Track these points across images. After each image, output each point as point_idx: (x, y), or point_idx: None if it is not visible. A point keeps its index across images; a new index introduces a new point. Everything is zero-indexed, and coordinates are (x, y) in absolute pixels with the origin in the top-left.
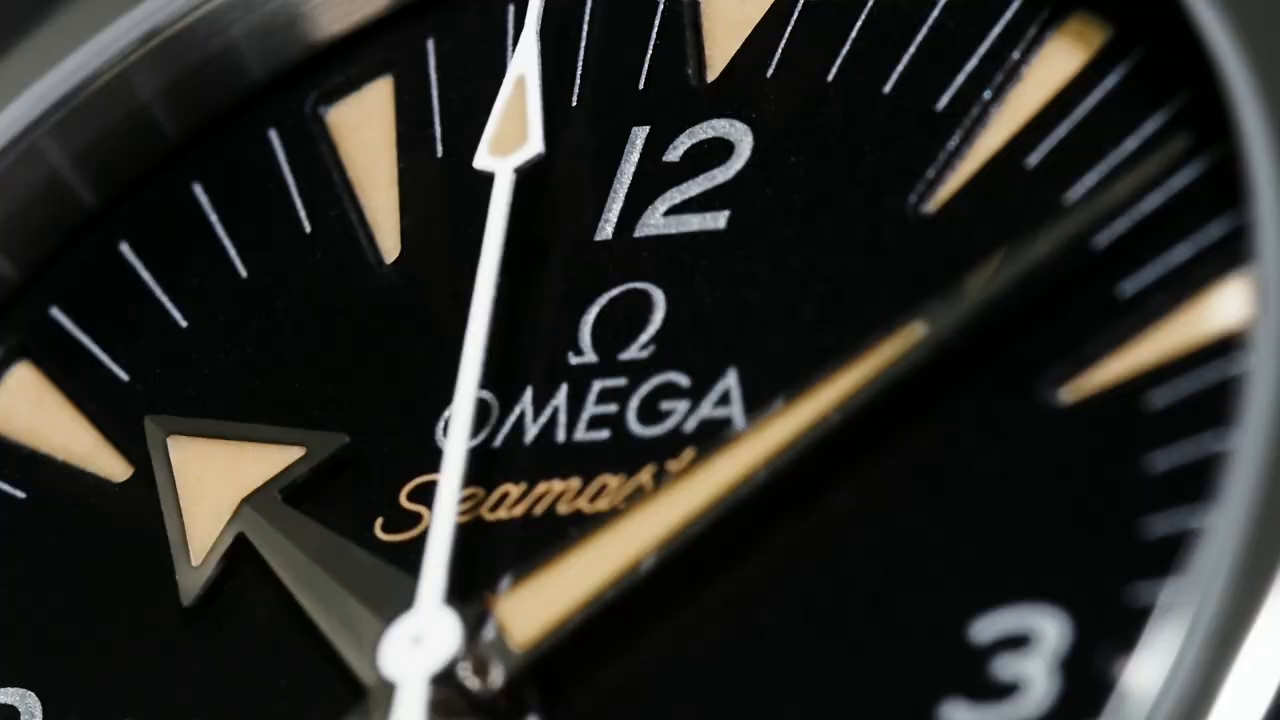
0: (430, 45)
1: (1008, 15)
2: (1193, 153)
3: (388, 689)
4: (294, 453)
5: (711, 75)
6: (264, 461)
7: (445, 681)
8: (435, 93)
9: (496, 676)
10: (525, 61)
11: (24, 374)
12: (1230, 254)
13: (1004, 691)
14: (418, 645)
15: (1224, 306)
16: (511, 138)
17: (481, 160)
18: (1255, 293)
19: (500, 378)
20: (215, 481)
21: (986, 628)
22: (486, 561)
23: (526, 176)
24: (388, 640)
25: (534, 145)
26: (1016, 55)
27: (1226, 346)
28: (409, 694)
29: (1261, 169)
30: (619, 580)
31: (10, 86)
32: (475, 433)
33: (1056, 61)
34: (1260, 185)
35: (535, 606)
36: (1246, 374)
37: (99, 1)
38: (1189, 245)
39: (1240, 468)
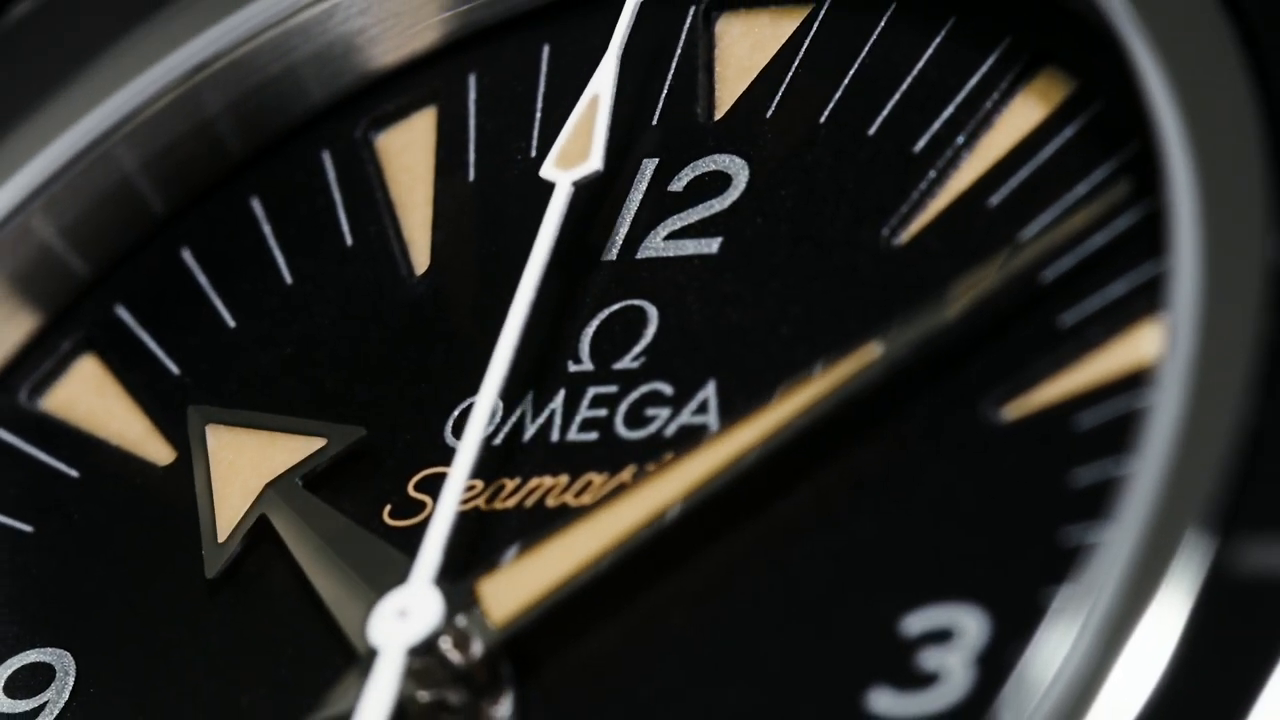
0: (472, 79)
1: (984, 68)
2: (1135, 199)
3: (371, 656)
4: (316, 443)
5: (718, 114)
6: (289, 450)
7: (424, 652)
8: (472, 122)
9: (475, 651)
10: (602, 82)
11: (88, 365)
12: (1160, 293)
13: (926, 681)
14: (403, 618)
15: (1150, 340)
16: (576, 153)
17: (547, 171)
18: (1166, 335)
19: (506, 381)
20: (245, 467)
21: (916, 622)
22: (478, 547)
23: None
24: (377, 612)
25: (594, 163)
26: (989, 105)
27: (1148, 377)
28: (387, 661)
29: (1185, 222)
30: (589, 568)
31: (90, 96)
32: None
33: (1024, 112)
34: (1181, 237)
35: (514, 589)
36: (1151, 407)
37: (172, 23)
38: (1125, 282)
39: (1137, 490)
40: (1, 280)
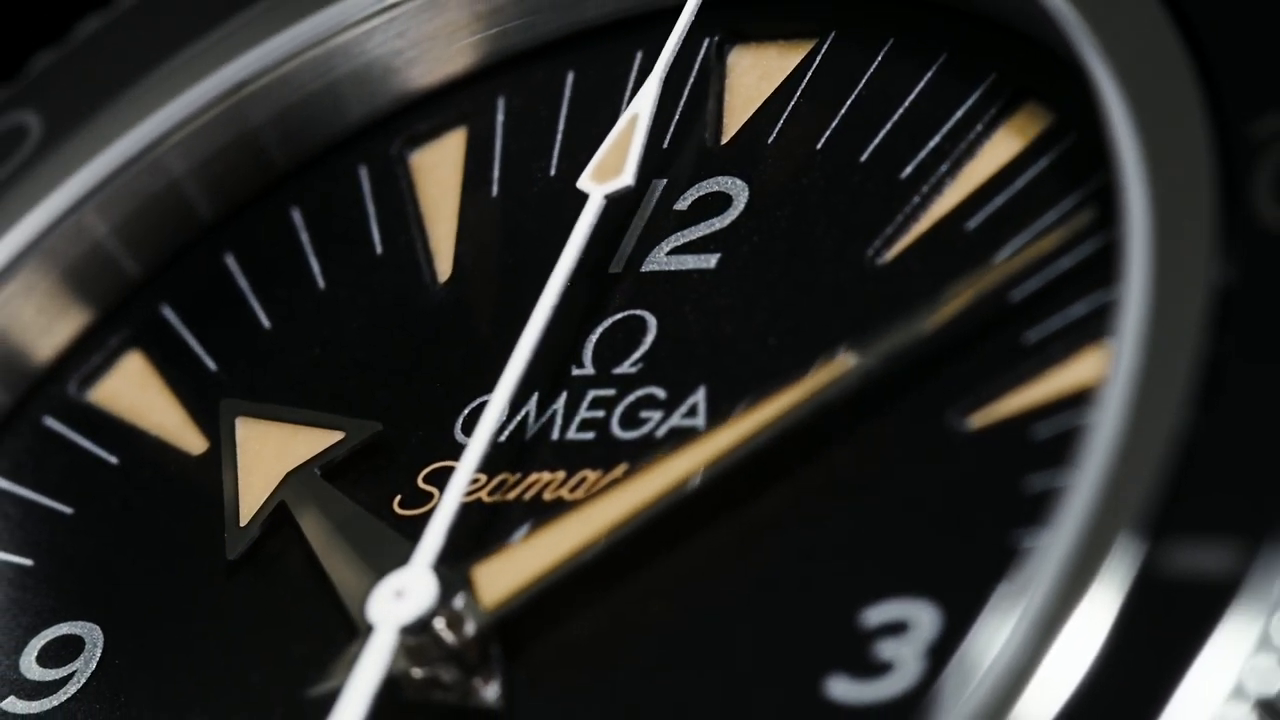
0: (500, 102)
1: (970, 102)
2: (1098, 227)
3: (368, 632)
4: (335, 436)
5: (724, 139)
6: (310, 442)
7: (418, 631)
8: (499, 142)
9: (467, 632)
10: (643, 103)
11: (134, 361)
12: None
13: (880, 670)
14: (399, 598)
15: (1105, 358)
16: (611, 168)
17: (583, 183)
18: (1111, 356)
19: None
20: (269, 457)
21: (874, 615)
22: (477, 535)
23: (566, 215)
24: (376, 592)
25: (626, 178)
26: (973, 136)
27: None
28: (380, 638)
29: (1136, 251)
30: (576, 558)
31: (144, 106)
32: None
33: (1004, 143)
34: (1133, 264)
35: (506, 575)
36: (1094, 421)
37: (221, 42)
38: (1085, 304)
39: (1076, 496)
40: (56, 278)
